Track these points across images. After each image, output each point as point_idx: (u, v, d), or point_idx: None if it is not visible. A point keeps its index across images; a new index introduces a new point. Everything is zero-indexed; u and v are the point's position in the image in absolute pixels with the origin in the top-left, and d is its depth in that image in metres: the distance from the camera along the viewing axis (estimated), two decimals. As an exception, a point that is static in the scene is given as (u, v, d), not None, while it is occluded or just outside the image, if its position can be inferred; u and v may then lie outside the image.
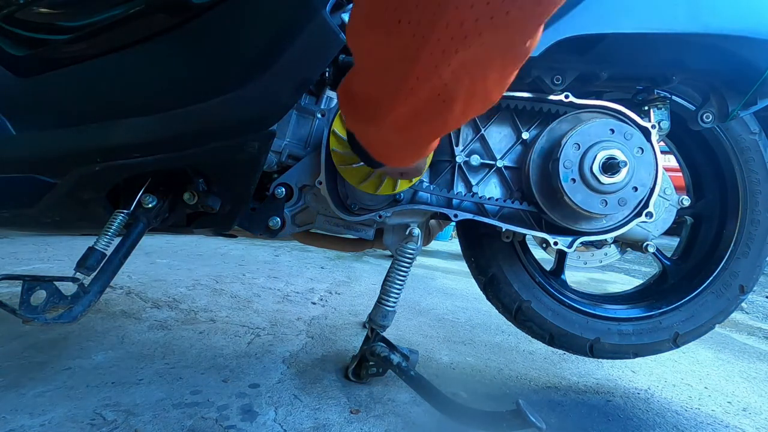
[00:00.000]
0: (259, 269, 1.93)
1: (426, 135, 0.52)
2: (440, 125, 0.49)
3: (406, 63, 0.40)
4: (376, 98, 0.48)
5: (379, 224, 0.84)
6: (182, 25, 0.62)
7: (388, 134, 0.53)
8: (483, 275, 0.92)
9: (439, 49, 0.37)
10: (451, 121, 0.48)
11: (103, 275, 0.67)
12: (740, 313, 1.81)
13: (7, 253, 1.84)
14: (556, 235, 0.81)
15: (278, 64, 0.61)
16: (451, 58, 0.38)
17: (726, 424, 0.84)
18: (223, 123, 0.64)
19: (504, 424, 0.64)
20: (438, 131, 0.52)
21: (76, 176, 0.67)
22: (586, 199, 0.75)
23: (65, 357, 0.89)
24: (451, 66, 0.39)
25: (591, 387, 0.97)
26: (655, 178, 0.78)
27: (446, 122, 0.48)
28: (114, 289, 1.40)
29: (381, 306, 0.80)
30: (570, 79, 0.77)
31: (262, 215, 0.81)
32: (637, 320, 0.92)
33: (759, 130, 0.89)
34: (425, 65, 0.39)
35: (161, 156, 0.66)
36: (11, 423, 0.65)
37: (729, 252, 0.92)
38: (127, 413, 0.70)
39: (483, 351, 1.13)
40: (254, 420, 0.71)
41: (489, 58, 0.39)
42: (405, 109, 0.46)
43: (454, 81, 0.41)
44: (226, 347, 1.00)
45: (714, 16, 0.67)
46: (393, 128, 0.50)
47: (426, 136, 0.53)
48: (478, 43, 0.36)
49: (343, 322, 1.26)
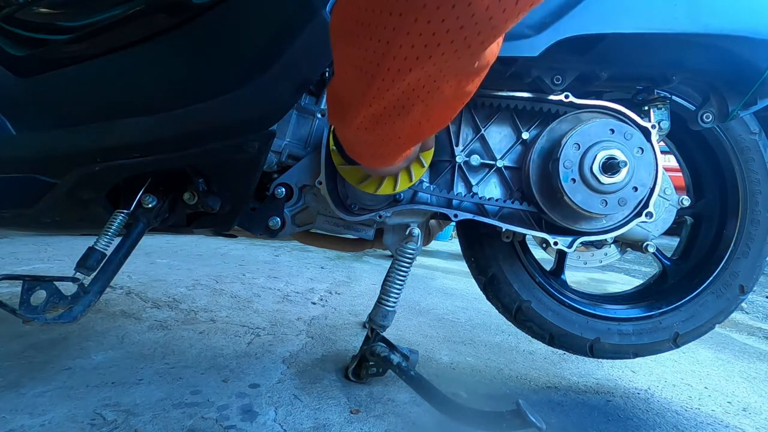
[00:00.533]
0: (259, 269, 1.93)
1: (390, 140, 0.55)
2: (404, 132, 0.52)
3: (368, 73, 0.43)
4: (346, 100, 0.51)
5: (379, 224, 0.84)
6: (182, 25, 0.62)
7: (357, 134, 0.56)
8: (483, 275, 0.92)
9: (396, 65, 0.40)
10: (413, 128, 0.51)
11: (103, 275, 0.67)
12: (740, 313, 1.81)
13: (7, 253, 1.84)
14: (556, 235, 0.81)
15: (278, 64, 0.61)
16: (407, 74, 0.41)
17: (726, 424, 0.84)
18: (223, 123, 0.64)
19: (504, 424, 0.64)
20: (404, 138, 0.55)
21: (76, 176, 0.67)
22: (586, 199, 0.75)
23: (65, 357, 0.89)
24: (406, 80, 0.42)
25: (591, 387, 0.97)
26: (655, 178, 0.78)
27: (410, 130, 0.52)
28: (114, 289, 1.40)
29: (381, 306, 0.80)
30: (570, 79, 0.77)
31: (262, 215, 0.81)
32: (637, 320, 0.92)
33: (759, 130, 0.89)
34: (384, 78, 0.42)
35: (161, 156, 0.66)
36: (11, 423, 0.65)
37: (729, 252, 0.92)
38: (127, 413, 0.70)
39: (483, 351, 1.13)
40: (254, 420, 0.71)
41: (442, 74, 0.42)
42: (368, 112, 0.49)
43: (410, 91, 0.44)
44: (226, 347, 1.00)
45: (714, 16, 0.67)
46: (360, 129, 0.53)
47: (391, 142, 0.55)
48: (431, 62, 0.39)
49: (343, 322, 1.26)
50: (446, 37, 0.36)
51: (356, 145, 0.61)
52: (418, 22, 0.35)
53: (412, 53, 0.39)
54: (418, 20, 0.35)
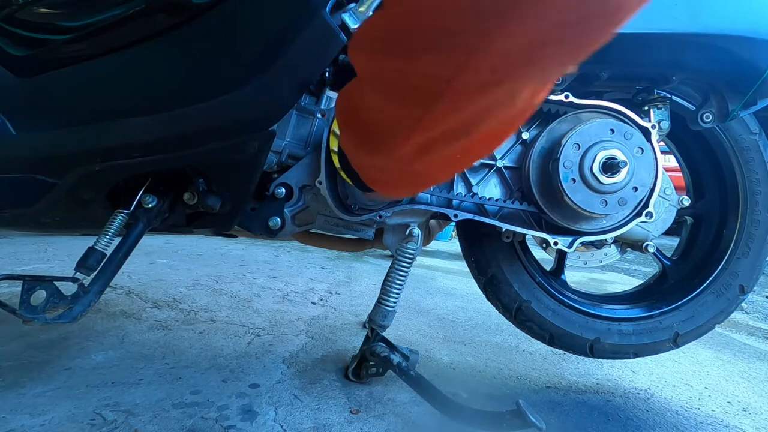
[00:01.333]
0: (259, 269, 1.93)
1: (438, 168, 0.46)
2: (455, 158, 0.44)
3: (430, 94, 0.34)
4: (385, 127, 0.42)
5: (379, 224, 0.84)
6: (182, 25, 0.62)
7: (394, 165, 0.47)
8: (483, 275, 0.92)
9: (475, 79, 0.32)
10: (469, 153, 0.43)
11: (103, 275, 0.67)
12: (740, 313, 1.81)
13: (7, 253, 1.84)
14: (556, 235, 0.81)
15: (278, 64, 0.61)
16: (489, 90, 0.33)
17: (726, 424, 0.84)
18: (223, 123, 0.64)
19: (504, 424, 0.64)
20: (453, 165, 0.47)
21: (76, 176, 0.67)
22: (586, 199, 0.75)
23: (65, 357, 0.89)
24: (486, 97, 0.34)
25: (591, 387, 0.97)
26: (655, 178, 0.78)
27: (463, 155, 0.43)
28: (114, 289, 1.40)
29: (381, 306, 0.80)
30: (570, 79, 0.77)
31: (262, 215, 0.81)
32: (637, 320, 0.92)
33: (759, 130, 0.89)
34: (454, 98, 0.34)
35: (161, 156, 0.66)
36: (11, 423, 0.65)
37: (729, 252, 0.92)
38: (127, 413, 0.70)
39: (483, 351, 1.13)
40: (254, 420, 0.71)
41: (525, 83, 0.34)
42: (418, 140, 0.40)
43: (481, 111, 0.36)
44: (226, 347, 1.00)
45: (714, 16, 0.67)
46: (401, 159, 0.44)
47: (438, 170, 0.47)
48: (522, 72, 0.32)
49: (343, 322, 1.26)
50: (556, 34, 0.28)
51: (383, 174, 0.52)
52: (526, 21, 0.27)
53: (503, 63, 0.30)
54: (525, 19, 0.27)
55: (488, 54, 0.30)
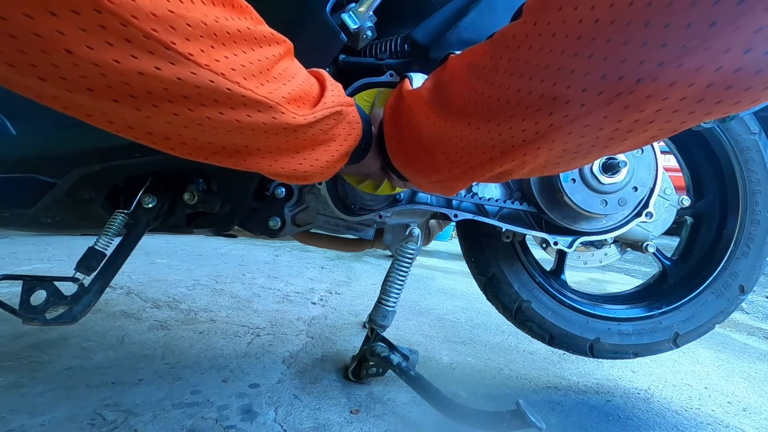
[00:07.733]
0: (259, 269, 1.93)
1: None
2: None
3: (490, 152, 0.34)
4: (440, 165, 0.42)
5: (379, 224, 0.84)
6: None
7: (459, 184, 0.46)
8: (483, 275, 0.92)
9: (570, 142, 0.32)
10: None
11: (103, 275, 0.67)
12: (740, 313, 1.81)
13: (7, 253, 1.84)
14: (556, 235, 0.81)
15: (278, 64, 0.61)
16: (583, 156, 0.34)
17: (726, 424, 0.84)
18: (223, 123, 0.64)
19: (504, 424, 0.64)
20: None
21: (76, 176, 0.67)
22: (586, 199, 0.75)
23: (65, 357, 0.89)
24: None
25: (591, 387, 0.97)
26: (655, 178, 0.78)
27: None
28: (114, 289, 1.40)
29: (381, 306, 0.80)
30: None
31: (262, 215, 0.81)
32: (637, 320, 0.92)
33: (759, 130, 0.89)
34: (538, 152, 0.34)
35: (161, 156, 0.66)
36: (11, 423, 0.65)
37: (729, 252, 0.92)
38: (127, 413, 0.70)
39: (483, 351, 1.13)
40: (254, 420, 0.71)
41: None
42: (490, 174, 0.40)
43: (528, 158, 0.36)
44: (226, 347, 1.00)
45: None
46: (447, 178, 0.45)
47: None
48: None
49: (343, 322, 1.26)
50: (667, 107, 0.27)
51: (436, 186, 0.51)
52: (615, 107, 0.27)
53: (599, 138, 0.30)
54: (616, 102, 0.27)
55: (585, 125, 0.30)
